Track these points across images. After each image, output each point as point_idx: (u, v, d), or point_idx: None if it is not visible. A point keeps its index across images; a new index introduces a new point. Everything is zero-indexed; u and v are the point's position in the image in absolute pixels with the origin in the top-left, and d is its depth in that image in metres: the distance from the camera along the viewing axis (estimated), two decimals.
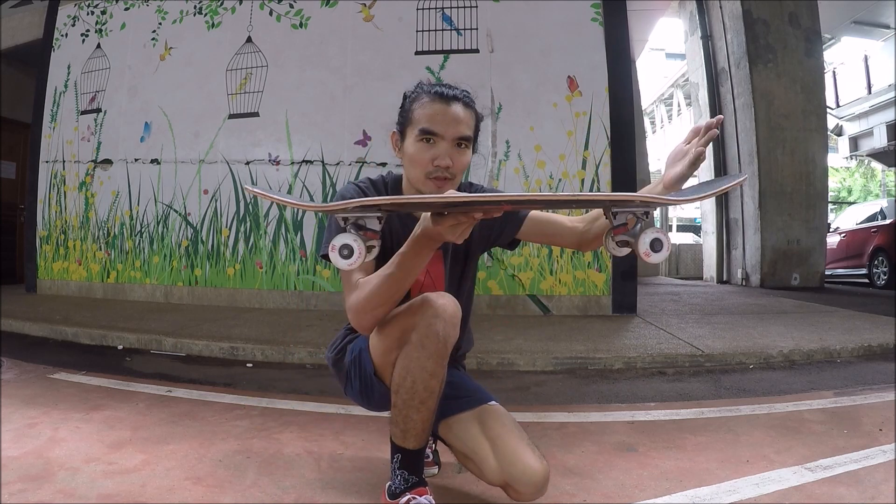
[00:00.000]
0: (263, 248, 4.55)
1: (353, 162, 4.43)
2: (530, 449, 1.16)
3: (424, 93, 1.20)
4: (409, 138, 1.20)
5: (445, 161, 1.15)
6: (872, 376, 2.53)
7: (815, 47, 6.93)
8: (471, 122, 1.20)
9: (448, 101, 1.17)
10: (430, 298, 1.11)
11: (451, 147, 1.17)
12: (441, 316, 1.09)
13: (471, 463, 1.23)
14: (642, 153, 9.14)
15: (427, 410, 1.13)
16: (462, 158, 1.19)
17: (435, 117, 1.16)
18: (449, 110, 1.17)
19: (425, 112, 1.17)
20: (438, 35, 4.41)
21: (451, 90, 1.19)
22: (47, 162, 5.33)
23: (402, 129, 1.22)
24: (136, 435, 1.72)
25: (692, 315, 4.14)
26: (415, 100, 1.21)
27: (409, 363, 1.11)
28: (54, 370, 2.59)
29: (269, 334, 3.28)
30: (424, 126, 1.16)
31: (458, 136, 1.17)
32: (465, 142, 1.19)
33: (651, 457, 1.57)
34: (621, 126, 4.22)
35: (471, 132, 1.20)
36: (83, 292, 5.10)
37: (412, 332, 1.10)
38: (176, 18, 4.95)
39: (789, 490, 1.34)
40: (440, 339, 1.08)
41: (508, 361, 2.74)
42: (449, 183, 1.18)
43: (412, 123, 1.19)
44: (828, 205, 7.57)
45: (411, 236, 1.02)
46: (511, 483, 1.14)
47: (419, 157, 1.17)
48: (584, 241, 1.29)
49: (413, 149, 1.18)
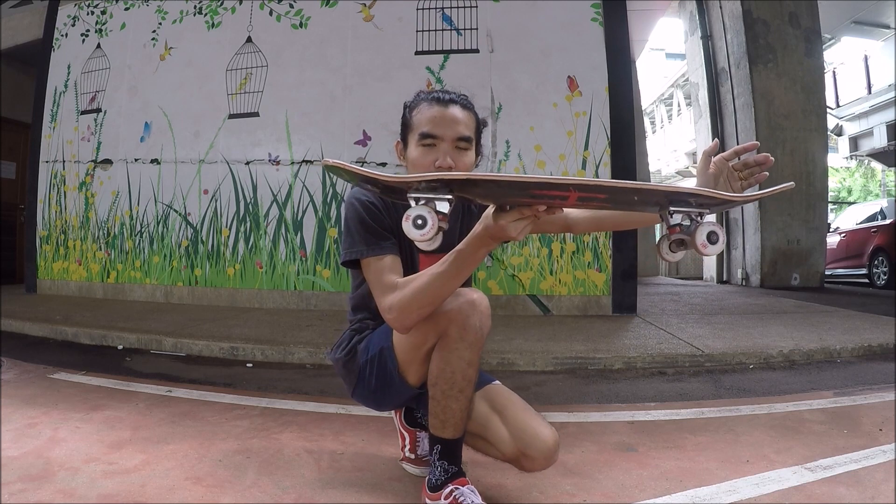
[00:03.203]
0: (263, 248, 4.55)
1: (353, 162, 4.41)
2: (539, 418, 1.22)
3: (422, 100, 1.23)
4: (410, 145, 1.22)
5: (447, 162, 1.16)
6: (872, 376, 2.53)
7: (815, 47, 6.93)
8: (470, 122, 1.21)
9: (445, 103, 1.20)
10: (466, 292, 1.15)
11: (451, 148, 1.18)
12: (478, 308, 1.14)
13: (481, 441, 1.27)
14: (642, 153, 9.14)
15: (465, 399, 1.17)
16: (464, 159, 1.19)
17: (433, 120, 1.18)
18: (446, 112, 1.19)
19: (424, 116, 1.19)
20: (438, 35, 4.41)
21: (447, 94, 1.22)
22: (47, 162, 5.33)
23: (405, 138, 1.24)
24: (136, 435, 1.72)
25: (692, 315, 4.14)
26: (413, 107, 1.24)
27: (449, 355, 1.14)
28: (54, 370, 2.59)
29: (269, 334, 3.28)
30: (424, 130, 1.18)
31: (458, 136, 1.18)
32: (466, 142, 1.20)
33: (651, 457, 1.57)
34: (621, 126, 4.21)
35: (471, 133, 1.21)
36: (83, 292, 5.10)
37: (449, 325, 1.13)
38: (176, 18, 4.95)
39: (789, 490, 1.34)
40: (478, 331, 1.14)
41: (508, 361, 2.74)
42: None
43: (412, 129, 1.21)
44: (828, 205, 7.57)
45: (472, 233, 1.01)
46: (524, 450, 1.19)
47: (421, 161, 1.18)
48: (574, 228, 1.31)
49: (415, 154, 1.20)
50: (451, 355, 1.14)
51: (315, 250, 4.44)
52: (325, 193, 4.46)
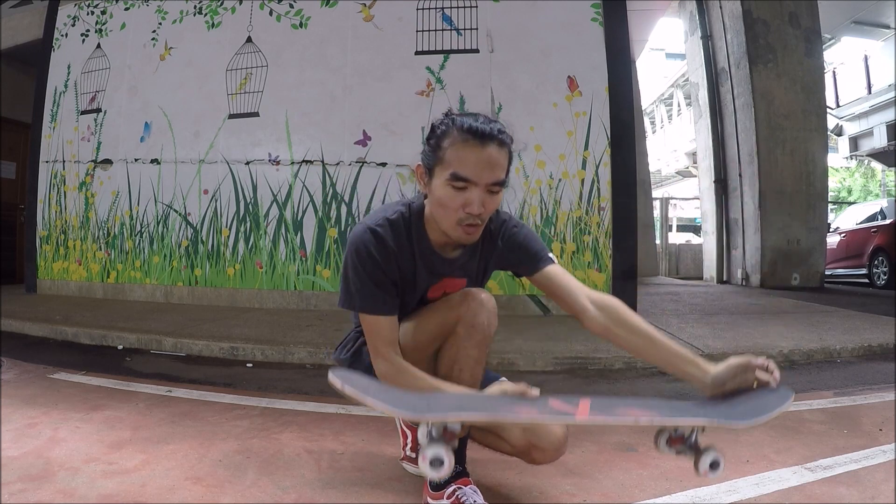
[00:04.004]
0: (263, 248, 4.55)
1: (353, 162, 4.43)
2: None
3: (456, 129, 1.09)
4: (437, 178, 1.11)
5: (478, 209, 1.09)
6: (872, 376, 2.54)
7: (815, 47, 6.93)
8: (505, 162, 1.11)
9: (483, 142, 1.07)
10: (473, 293, 1.18)
11: (483, 193, 1.09)
12: (485, 307, 1.16)
13: (490, 436, 1.28)
14: (642, 153, 9.13)
15: None
16: (494, 202, 1.12)
17: (467, 161, 1.07)
18: (483, 154, 1.07)
19: (458, 155, 1.08)
20: (438, 35, 4.41)
21: (485, 126, 1.08)
22: (47, 162, 5.32)
23: (431, 167, 1.13)
24: (136, 435, 1.72)
25: (692, 315, 4.14)
26: (445, 135, 1.11)
27: (457, 352, 1.17)
28: (54, 370, 2.59)
29: (269, 334, 3.28)
30: (457, 171, 1.08)
31: (493, 181, 1.09)
32: (499, 186, 1.11)
33: (651, 457, 1.57)
34: (621, 126, 4.21)
35: (505, 174, 1.11)
36: (83, 292, 5.10)
37: (457, 323, 1.15)
38: (176, 18, 4.95)
39: (789, 490, 1.34)
40: (485, 328, 1.16)
41: (508, 361, 2.74)
42: (478, 229, 1.14)
43: (442, 164, 1.10)
44: (828, 205, 7.57)
45: (489, 390, 1.08)
46: (535, 442, 1.20)
47: (449, 203, 1.10)
48: (585, 321, 1.22)
49: (442, 192, 1.10)
50: (459, 353, 1.16)
51: (315, 250, 4.44)
52: (325, 193, 4.46)
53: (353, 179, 4.42)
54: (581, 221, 4.20)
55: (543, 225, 4.20)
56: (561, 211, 4.21)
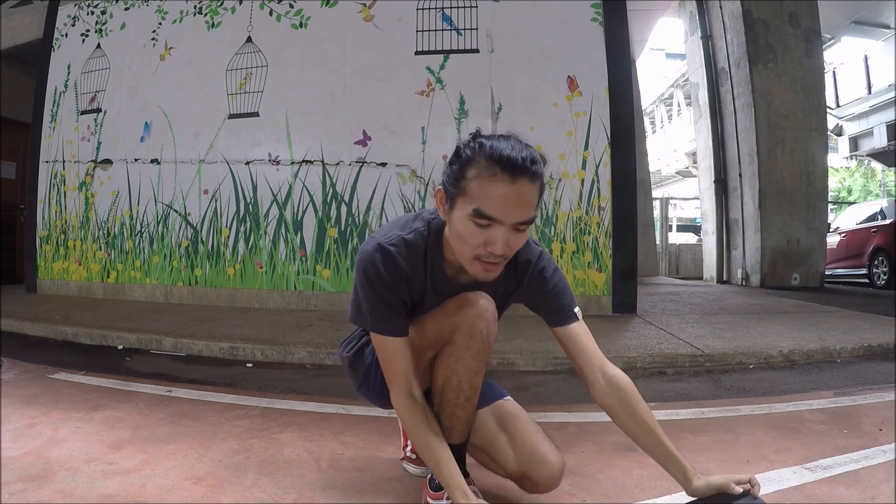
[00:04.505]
0: (263, 248, 4.55)
1: (353, 162, 4.43)
2: (547, 442, 1.21)
3: (484, 157, 0.97)
4: (459, 210, 0.99)
5: (501, 249, 0.98)
6: (872, 376, 2.53)
7: (815, 47, 6.93)
8: (536, 198, 0.99)
9: (514, 176, 0.95)
10: (470, 299, 1.12)
11: (508, 232, 0.98)
12: (483, 315, 1.11)
13: (484, 455, 1.27)
14: (642, 153, 9.14)
15: (471, 406, 1.17)
16: (519, 241, 1.01)
17: (493, 198, 0.95)
18: (513, 191, 0.95)
19: (483, 190, 0.96)
20: (438, 35, 4.41)
21: (517, 154, 0.95)
22: (47, 162, 5.33)
23: (451, 194, 1.01)
24: (136, 435, 1.72)
25: (692, 315, 4.13)
26: (470, 163, 0.98)
27: (455, 363, 1.13)
28: (54, 370, 2.59)
29: (269, 334, 3.28)
30: (481, 209, 0.96)
31: (521, 221, 0.98)
32: (526, 225, 1.00)
33: None
34: (621, 126, 4.21)
35: (534, 212, 0.99)
36: (83, 292, 5.10)
37: (454, 332, 1.11)
38: (176, 18, 4.95)
39: (789, 490, 1.34)
40: (484, 338, 1.11)
41: (508, 361, 2.74)
42: (498, 267, 1.03)
43: (465, 196, 0.98)
44: (828, 205, 7.56)
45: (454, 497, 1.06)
46: (528, 474, 1.18)
47: (470, 239, 0.99)
48: (593, 391, 1.20)
49: (463, 226, 0.99)
50: (457, 364, 1.13)
51: (315, 250, 4.44)
52: (325, 193, 4.46)
53: (353, 179, 4.42)
54: (581, 221, 4.20)
55: (543, 225, 4.20)
56: (561, 211, 4.21)
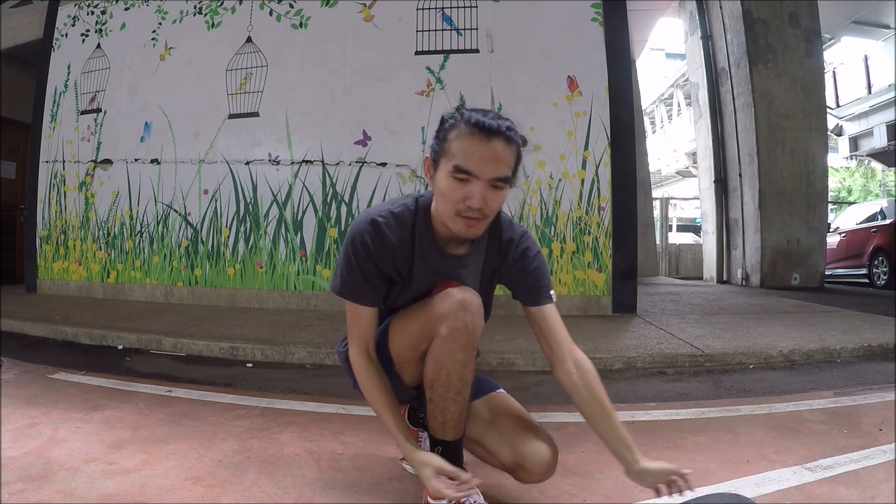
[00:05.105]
0: (263, 248, 4.55)
1: (353, 162, 4.43)
2: (540, 431, 1.23)
3: (464, 122, 1.09)
4: (442, 170, 1.11)
5: (478, 203, 1.08)
6: (872, 376, 2.53)
7: (815, 47, 6.93)
8: (511, 159, 1.10)
9: (489, 136, 1.06)
10: (454, 293, 1.14)
11: (485, 188, 1.08)
12: (468, 308, 1.13)
13: (479, 448, 1.28)
14: (642, 153, 9.14)
15: (463, 400, 1.17)
16: (497, 199, 1.11)
17: (471, 155, 1.07)
18: (488, 148, 1.06)
19: (462, 147, 1.07)
20: (438, 35, 4.41)
21: (493, 121, 1.07)
22: (47, 162, 5.32)
23: (437, 159, 1.13)
24: (136, 435, 1.72)
25: (692, 315, 4.13)
26: (452, 128, 1.11)
27: (443, 357, 1.14)
28: (54, 370, 2.59)
29: (269, 334, 3.28)
30: (459, 163, 1.07)
31: (496, 177, 1.08)
32: (503, 182, 1.10)
33: (651, 457, 1.55)
34: (621, 126, 4.21)
35: (510, 171, 1.10)
36: (83, 292, 5.10)
37: (440, 326, 1.13)
38: (176, 18, 4.95)
39: (789, 490, 1.34)
40: (469, 331, 1.12)
41: (508, 361, 2.74)
42: (480, 223, 1.12)
43: (447, 155, 1.10)
44: (828, 205, 7.56)
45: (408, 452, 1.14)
46: (522, 463, 1.19)
47: (450, 195, 1.09)
48: (558, 370, 1.24)
49: (444, 184, 1.10)
50: (444, 358, 1.13)
51: (315, 250, 4.44)
52: (325, 193, 4.46)
53: (353, 179, 4.42)
54: (581, 221, 4.20)
55: (543, 225, 4.20)
56: (561, 211, 4.21)
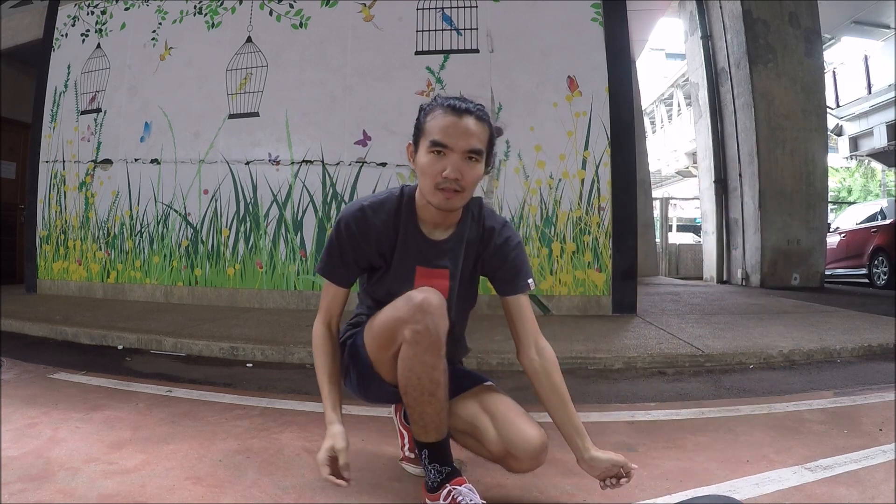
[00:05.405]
0: (263, 248, 4.55)
1: (353, 162, 4.43)
2: (528, 419, 1.24)
3: (438, 105, 1.21)
4: (421, 149, 1.22)
5: (454, 174, 1.17)
6: (872, 376, 2.54)
7: (815, 47, 6.93)
8: (483, 135, 1.20)
9: (460, 113, 1.18)
10: (413, 295, 1.17)
11: (461, 160, 1.18)
12: (427, 311, 1.14)
13: (470, 439, 1.29)
14: (642, 153, 9.13)
15: (438, 401, 1.18)
16: (472, 172, 1.20)
17: (446, 129, 1.17)
18: (460, 123, 1.18)
19: (437, 124, 1.19)
20: (438, 35, 4.40)
21: (464, 103, 1.20)
22: (47, 162, 5.32)
23: (416, 141, 1.24)
24: (136, 435, 1.72)
25: (692, 315, 4.13)
26: (428, 112, 1.22)
27: (410, 361, 1.15)
28: (54, 370, 2.59)
29: (269, 334, 3.28)
30: (435, 138, 1.18)
31: (469, 149, 1.18)
32: (476, 155, 1.19)
33: (651, 457, 1.57)
34: (621, 126, 4.21)
35: (482, 146, 1.20)
36: (83, 292, 5.10)
37: (404, 330, 1.15)
38: (176, 18, 4.95)
39: (789, 490, 1.34)
40: (432, 333, 1.14)
41: (508, 361, 2.74)
42: (458, 196, 1.20)
43: (424, 135, 1.21)
44: (828, 205, 7.56)
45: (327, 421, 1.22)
46: (511, 450, 1.21)
47: (429, 169, 1.19)
48: (522, 356, 1.30)
49: (424, 160, 1.20)
50: (411, 362, 1.15)
51: (315, 250, 4.44)
52: (325, 193, 4.46)
53: (353, 179, 4.42)
54: (581, 221, 4.20)
55: (543, 225, 4.20)
56: (561, 211, 4.21)
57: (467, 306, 1.39)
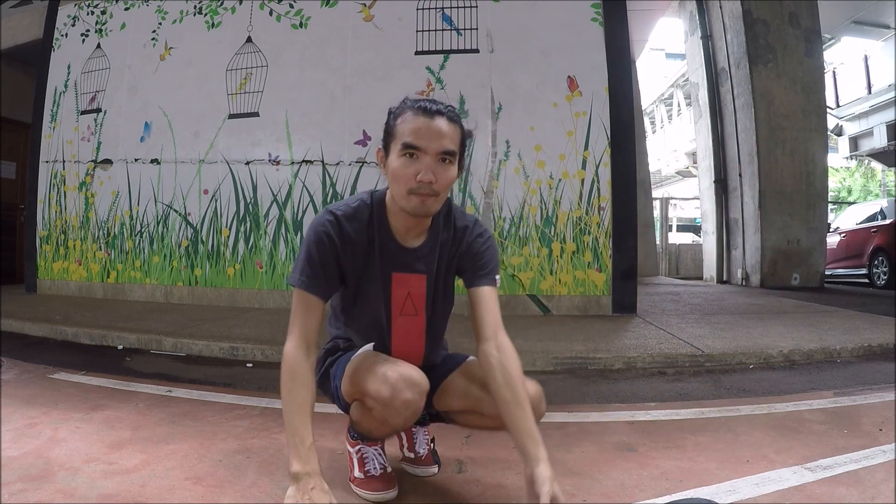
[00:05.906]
0: (263, 248, 4.55)
1: (353, 162, 4.43)
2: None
3: (408, 108, 1.18)
4: (392, 153, 1.18)
5: (428, 176, 1.13)
6: (872, 376, 2.54)
7: (815, 47, 6.93)
8: (455, 136, 1.18)
9: (431, 115, 1.15)
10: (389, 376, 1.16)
11: (434, 162, 1.14)
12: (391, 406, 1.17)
13: (470, 416, 1.31)
14: (642, 153, 9.14)
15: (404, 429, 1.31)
16: (446, 174, 1.16)
17: (418, 131, 1.14)
18: (432, 124, 1.14)
19: (408, 126, 1.15)
20: (438, 35, 4.41)
21: (434, 105, 1.17)
22: (47, 162, 5.32)
23: (387, 145, 1.20)
24: (136, 435, 1.72)
25: (692, 315, 4.13)
26: (398, 115, 1.19)
27: (386, 423, 1.23)
28: (54, 370, 2.59)
29: (269, 334, 3.28)
30: (407, 140, 1.14)
31: (442, 150, 1.15)
32: (450, 157, 1.16)
33: (651, 457, 1.57)
34: (621, 126, 4.21)
35: (455, 147, 1.17)
36: (83, 292, 5.10)
37: (380, 407, 1.18)
38: (176, 18, 4.95)
39: (789, 490, 1.34)
40: (410, 408, 1.17)
41: None
42: (433, 199, 1.17)
43: (396, 138, 1.17)
44: (828, 205, 7.56)
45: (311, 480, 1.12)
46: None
47: (402, 173, 1.15)
48: (481, 348, 1.24)
49: (396, 164, 1.16)
50: (389, 426, 1.24)
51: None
52: (325, 193, 4.46)
53: (353, 179, 4.42)
54: (581, 221, 4.20)
55: (543, 225, 4.20)
56: (561, 211, 4.21)
57: (446, 308, 1.37)
